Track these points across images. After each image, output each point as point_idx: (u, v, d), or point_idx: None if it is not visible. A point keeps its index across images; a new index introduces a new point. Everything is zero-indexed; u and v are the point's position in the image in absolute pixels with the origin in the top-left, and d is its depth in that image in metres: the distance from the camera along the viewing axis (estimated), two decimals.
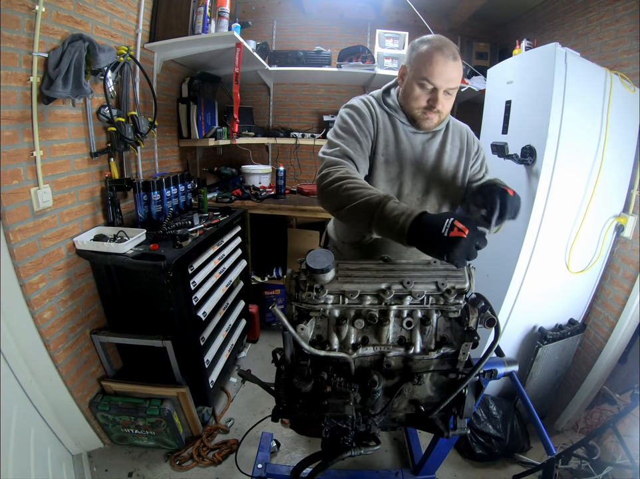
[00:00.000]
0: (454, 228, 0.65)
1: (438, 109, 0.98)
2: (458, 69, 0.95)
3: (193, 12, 1.84)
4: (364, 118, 1.03)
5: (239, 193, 2.45)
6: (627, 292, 1.61)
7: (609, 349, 1.66)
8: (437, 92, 0.95)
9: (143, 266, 1.39)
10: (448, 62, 0.92)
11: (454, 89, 0.97)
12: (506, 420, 1.67)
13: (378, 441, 0.81)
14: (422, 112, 1.00)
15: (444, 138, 1.10)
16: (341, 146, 0.97)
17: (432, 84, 0.94)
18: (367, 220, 0.77)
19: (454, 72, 0.94)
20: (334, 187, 0.85)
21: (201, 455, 1.61)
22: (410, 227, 0.70)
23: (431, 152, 1.08)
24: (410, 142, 1.07)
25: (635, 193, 1.61)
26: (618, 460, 1.39)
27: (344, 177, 0.86)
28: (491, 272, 1.74)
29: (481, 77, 2.37)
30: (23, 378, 1.29)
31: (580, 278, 1.68)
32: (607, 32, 1.75)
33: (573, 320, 1.76)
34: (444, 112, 1.01)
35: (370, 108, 1.05)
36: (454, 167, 1.11)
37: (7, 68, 1.12)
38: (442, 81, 0.93)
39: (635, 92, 1.52)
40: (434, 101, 0.96)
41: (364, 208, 0.78)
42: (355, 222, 0.86)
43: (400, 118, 1.05)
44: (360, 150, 1.00)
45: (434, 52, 0.93)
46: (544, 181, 1.48)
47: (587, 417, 1.74)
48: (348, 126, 1.01)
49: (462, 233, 0.65)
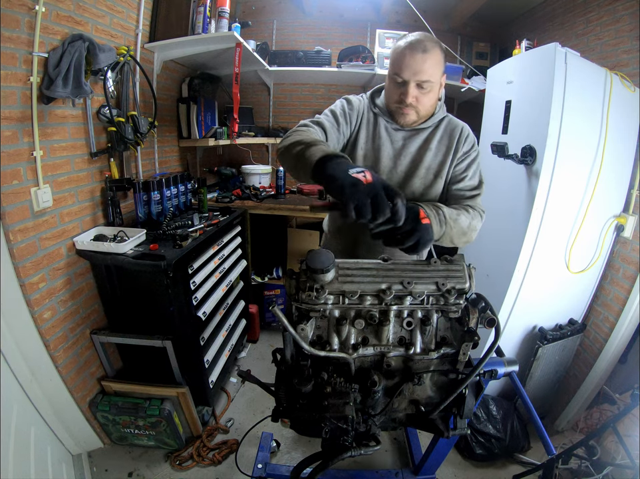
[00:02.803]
0: (361, 174, 0.64)
1: (409, 103, 0.98)
2: (428, 61, 0.94)
3: (193, 12, 1.84)
4: (352, 109, 1.09)
5: (239, 193, 2.45)
6: (627, 292, 1.61)
7: (609, 349, 1.66)
8: (407, 86, 0.96)
9: (143, 266, 1.39)
10: (416, 55, 0.93)
11: (426, 82, 0.95)
12: (506, 420, 1.67)
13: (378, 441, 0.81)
14: (397, 107, 1.02)
15: (431, 135, 1.10)
16: (320, 118, 1.05)
17: (401, 78, 0.96)
18: (297, 159, 0.81)
19: (423, 64, 0.93)
20: (287, 138, 0.92)
21: (201, 455, 1.61)
22: (320, 159, 0.71)
23: (412, 149, 1.09)
24: (390, 138, 1.09)
25: (635, 193, 1.61)
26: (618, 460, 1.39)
27: (300, 132, 0.93)
28: (491, 272, 1.75)
29: (481, 77, 2.37)
30: (23, 378, 1.29)
31: (580, 278, 1.68)
32: (607, 32, 1.75)
33: (573, 321, 1.76)
34: (420, 108, 1.01)
35: (360, 104, 1.12)
36: (438, 165, 1.09)
37: (7, 68, 1.12)
38: (409, 73, 0.94)
39: (635, 92, 1.52)
40: (404, 95, 0.97)
41: (295, 148, 0.83)
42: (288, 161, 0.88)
43: (385, 116, 1.09)
44: (336, 126, 1.05)
45: (404, 47, 0.96)
46: (544, 181, 1.48)
47: (587, 417, 1.74)
48: (335, 109, 1.09)
49: (366, 179, 0.64)
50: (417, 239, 0.72)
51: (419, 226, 0.73)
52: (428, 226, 0.75)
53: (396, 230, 0.70)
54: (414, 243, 0.73)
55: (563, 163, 1.47)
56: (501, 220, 1.78)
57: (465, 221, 0.94)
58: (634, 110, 1.54)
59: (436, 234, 0.82)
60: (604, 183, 1.55)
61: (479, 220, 1.01)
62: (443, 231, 0.84)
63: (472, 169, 1.09)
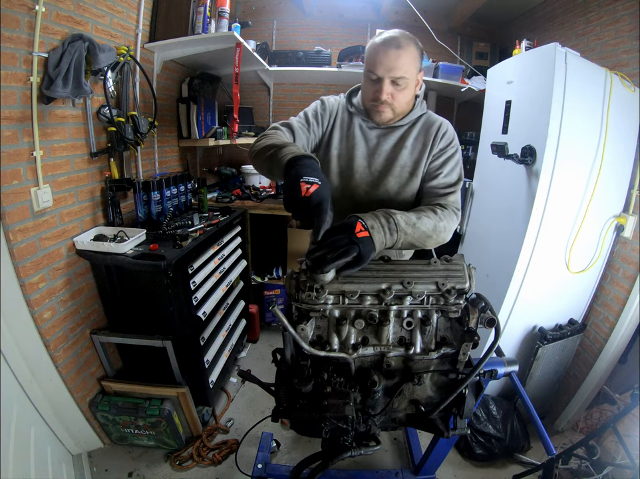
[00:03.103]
0: (309, 184, 0.69)
1: (384, 100, 0.97)
2: (402, 57, 0.92)
3: (193, 12, 1.84)
4: (324, 109, 1.11)
5: (239, 193, 2.45)
6: (627, 292, 1.61)
7: (609, 349, 1.66)
8: (381, 83, 0.95)
9: (143, 266, 1.39)
10: (389, 51, 0.92)
11: (401, 79, 0.94)
12: (506, 420, 1.67)
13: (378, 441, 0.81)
14: (373, 104, 1.01)
15: (407, 133, 1.08)
16: (290, 120, 1.07)
17: (375, 75, 0.95)
18: (270, 161, 0.85)
19: (397, 60, 0.92)
20: (259, 142, 0.95)
21: (201, 455, 1.61)
22: (289, 160, 0.76)
23: (386, 147, 1.08)
24: (365, 137, 1.09)
25: (635, 193, 1.61)
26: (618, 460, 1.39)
27: (270, 135, 0.97)
28: (491, 272, 1.75)
29: (482, 77, 2.37)
30: (23, 378, 1.29)
31: (580, 278, 1.68)
32: (607, 32, 1.75)
33: (573, 321, 1.76)
34: (396, 105, 1.00)
35: (335, 104, 1.12)
36: (413, 163, 1.07)
37: (7, 68, 1.12)
38: (383, 70, 0.93)
39: (635, 92, 1.52)
40: (379, 92, 0.96)
41: (268, 151, 0.87)
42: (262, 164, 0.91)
43: (361, 115, 1.08)
44: (306, 127, 1.08)
45: (376, 44, 0.96)
46: (544, 181, 1.48)
47: (587, 417, 1.74)
48: (308, 111, 1.11)
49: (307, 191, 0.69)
50: (356, 252, 0.71)
51: (355, 239, 0.72)
52: (366, 239, 0.74)
53: (333, 248, 0.70)
54: (353, 257, 0.71)
55: (563, 163, 1.47)
56: (501, 220, 1.78)
57: (429, 224, 0.89)
58: (634, 110, 1.54)
59: (387, 242, 0.80)
60: (604, 183, 1.54)
61: (451, 219, 0.96)
62: (395, 239, 0.81)
63: (449, 166, 1.05)
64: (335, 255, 0.69)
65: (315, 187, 0.69)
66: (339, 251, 0.70)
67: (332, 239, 0.71)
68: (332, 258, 0.69)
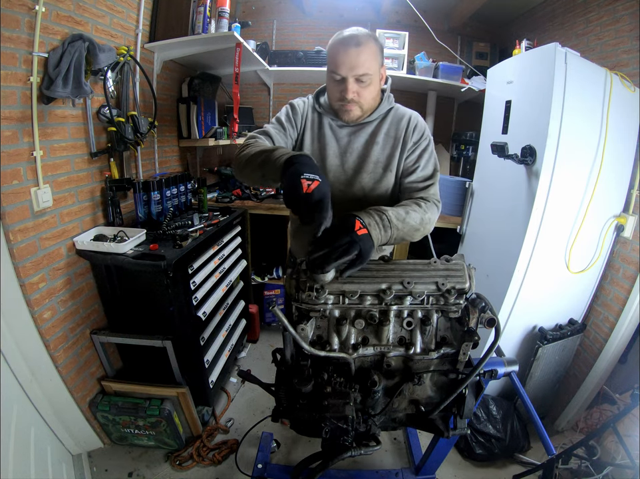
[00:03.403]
0: (310, 181, 0.69)
1: (351, 99, 0.98)
2: (363, 54, 0.93)
3: (193, 12, 1.84)
4: (295, 112, 1.11)
5: (239, 193, 2.45)
6: (627, 292, 1.61)
7: (609, 349, 1.66)
8: (345, 82, 0.96)
9: (143, 266, 1.38)
10: (349, 50, 0.93)
11: (364, 76, 0.95)
12: (506, 420, 1.67)
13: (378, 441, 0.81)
14: (340, 104, 1.02)
15: (377, 128, 1.09)
16: (266, 127, 1.08)
17: (339, 75, 0.96)
18: (262, 168, 0.85)
19: (357, 58, 0.93)
20: (243, 153, 0.94)
21: (201, 455, 1.61)
22: (288, 159, 0.76)
23: (357, 144, 1.09)
24: (335, 136, 1.10)
25: (635, 193, 1.61)
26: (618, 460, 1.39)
27: (251, 145, 0.96)
28: (491, 272, 1.75)
29: (481, 77, 2.37)
30: (23, 378, 1.29)
31: (580, 278, 1.68)
32: (607, 32, 1.75)
33: (573, 321, 1.76)
34: (363, 102, 1.01)
35: (304, 106, 1.13)
36: (386, 158, 1.08)
37: (7, 68, 1.12)
38: (346, 69, 0.94)
39: (635, 92, 1.52)
40: (344, 91, 0.97)
41: (258, 158, 0.87)
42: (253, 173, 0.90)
43: (330, 114, 1.09)
44: (282, 132, 1.08)
45: (336, 44, 0.96)
46: (544, 181, 1.48)
47: (587, 417, 1.74)
48: (280, 115, 1.12)
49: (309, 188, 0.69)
50: (357, 250, 0.71)
51: (356, 237, 0.73)
52: (365, 236, 0.75)
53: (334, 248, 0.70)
54: (355, 256, 0.72)
55: (563, 163, 1.47)
56: (501, 220, 1.78)
57: (416, 218, 0.91)
58: (634, 110, 1.54)
59: (382, 239, 0.81)
60: (604, 183, 1.54)
61: (434, 211, 0.99)
62: (389, 235, 0.83)
63: (424, 159, 1.06)
64: (336, 254, 0.70)
65: (316, 184, 0.69)
66: (339, 250, 0.70)
67: (332, 237, 0.71)
68: (334, 258, 0.69)
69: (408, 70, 2.41)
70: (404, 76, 2.39)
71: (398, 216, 0.86)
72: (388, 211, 0.84)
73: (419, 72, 2.40)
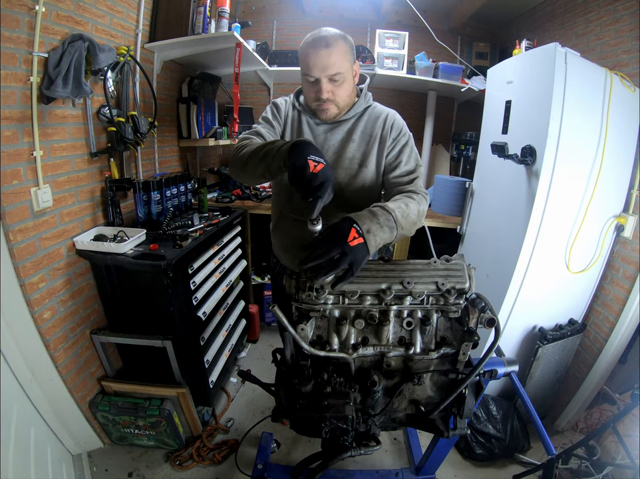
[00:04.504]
0: (316, 162, 0.74)
1: (326, 98, 1.01)
2: (333, 55, 0.96)
3: (193, 12, 1.84)
4: (279, 110, 1.16)
5: (239, 193, 2.45)
6: (627, 292, 1.61)
7: (609, 349, 1.66)
8: (319, 83, 0.99)
9: (143, 266, 1.38)
10: (319, 52, 0.95)
11: (337, 75, 0.98)
12: (506, 420, 1.67)
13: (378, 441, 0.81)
14: (317, 104, 1.05)
15: (354, 126, 1.11)
16: (256, 127, 1.12)
17: (312, 77, 0.99)
18: (264, 160, 0.87)
19: (328, 58, 0.96)
20: (241, 153, 0.97)
21: (201, 455, 1.61)
22: (294, 144, 0.79)
23: (333, 141, 1.12)
24: (312, 133, 1.13)
25: (635, 193, 1.61)
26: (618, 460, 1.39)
27: (247, 144, 1.00)
28: (491, 272, 1.75)
29: (481, 77, 2.37)
30: (23, 378, 1.29)
31: (580, 278, 1.68)
32: (607, 32, 1.75)
33: (573, 321, 1.76)
34: (339, 100, 1.04)
35: (286, 105, 1.17)
36: (362, 154, 1.10)
37: (7, 68, 1.12)
38: (318, 71, 0.97)
39: (635, 92, 1.52)
40: (319, 92, 1.00)
41: (259, 152, 0.89)
42: (255, 168, 0.92)
43: (308, 113, 1.12)
44: (272, 129, 1.12)
45: (306, 47, 0.99)
46: (544, 181, 1.48)
47: (587, 417, 1.74)
48: (267, 114, 1.15)
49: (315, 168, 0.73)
50: (347, 264, 0.71)
51: (347, 249, 0.71)
52: (359, 246, 0.73)
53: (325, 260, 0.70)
54: (344, 270, 0.72)
55: (563, 163, 1.47)
56: (501, 220, 1.78)
57: (414, 211, 0.91)
58: (634, 110, 1.54)
59: (387, 239, 0.80)
60: (604, 183, 1.54)
61: (424, 204, 1.00)
62: (395, 234, 0.82)
63: (406, 153, 1.09)
64: (326, 268, 0.70)
65: (322, 166, 0.73)
66: (329, 263, 0.70)
67: (324, 246, 0.71)
68: (323, 271, 0.70)
69: (408, 70, 2.41)
70: (404, 76, 2.39)
71: (403, 213, 0.86)
72: (395, 211, 0.84)
73: (419, 72, 2.40)
